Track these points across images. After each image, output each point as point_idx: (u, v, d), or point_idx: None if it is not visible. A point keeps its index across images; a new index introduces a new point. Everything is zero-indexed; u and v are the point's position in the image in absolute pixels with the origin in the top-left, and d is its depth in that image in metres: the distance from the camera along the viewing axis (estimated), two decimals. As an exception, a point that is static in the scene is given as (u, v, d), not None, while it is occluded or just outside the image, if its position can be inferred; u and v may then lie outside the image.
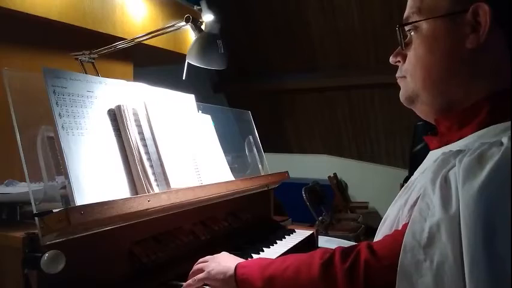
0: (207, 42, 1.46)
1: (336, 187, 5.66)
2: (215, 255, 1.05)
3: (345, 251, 0.80)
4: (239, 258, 1.04)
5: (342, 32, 5.57)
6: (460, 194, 0.64)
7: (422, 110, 0.87)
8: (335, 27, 5.57)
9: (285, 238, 1.54)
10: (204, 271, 0.99)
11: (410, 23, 0.83)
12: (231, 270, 0.94)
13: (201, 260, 1.06)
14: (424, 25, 0.81)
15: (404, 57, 0.86)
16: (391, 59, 0.89)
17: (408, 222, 0.72)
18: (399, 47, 0.86)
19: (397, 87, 0.90)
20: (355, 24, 5.42)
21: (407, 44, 0.85)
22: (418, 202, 0.71)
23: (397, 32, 0.84)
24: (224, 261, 0.99)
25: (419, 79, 0.83)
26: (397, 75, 0.90)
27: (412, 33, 0.83)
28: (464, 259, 0.61)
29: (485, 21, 0.74)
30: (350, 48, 5.65)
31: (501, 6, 0.74)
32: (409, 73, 0.85)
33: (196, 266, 1.04)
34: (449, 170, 0.69)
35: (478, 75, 0.77)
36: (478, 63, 0.77)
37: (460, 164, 0.67)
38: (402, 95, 0.88)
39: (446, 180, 0.68)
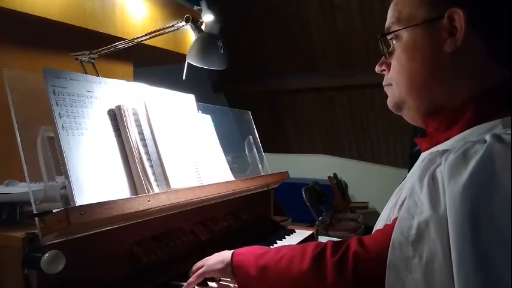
0: (207, 42, 1.46)
1: (336, 187, 5.65)
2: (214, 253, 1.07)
3: (335, 244, 0.83)
4: None
5: (342, 32, 5.57)
6: (446, 191, 0.65)
7: (410, 116, 0.89)
8: (335, 27, 5.57)
9: (285, 238, 1.54)
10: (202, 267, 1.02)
11: (390, 33, 0.86)
12: (228, 258, 0.97)
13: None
14: (404, 34, 0.84)
15: (388, 66, 0.89)
16: (377, 69, 0.92)
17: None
18: (383, 56, 0.90)
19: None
20: (355, 24, 5.42)
21: (391, 53, 0.88)
22: (405, 200, 0.72)
23: (380, 42, 0.88)
24: (222, 253, 1.02)
25: (404, 86, 0.85)
26: (383, 83, 0.92)
27: (394, 42, 0.86)
28: (452, 256, 0.62)
29: (460, 26, 0.76)
30: (350, 48, 5.65)
31: (475, 9, 0.76)
32: (394, 81, 0.87)
33: (195, 265, 1.06)
34: (436, 168, 0.70)
35: (459, 77, 0.79)
36: (458, 65, 0.79)
37: (446, 161, 0.68)
38: (390, 103, 0.91)
39: (433, 178, 0.69)
